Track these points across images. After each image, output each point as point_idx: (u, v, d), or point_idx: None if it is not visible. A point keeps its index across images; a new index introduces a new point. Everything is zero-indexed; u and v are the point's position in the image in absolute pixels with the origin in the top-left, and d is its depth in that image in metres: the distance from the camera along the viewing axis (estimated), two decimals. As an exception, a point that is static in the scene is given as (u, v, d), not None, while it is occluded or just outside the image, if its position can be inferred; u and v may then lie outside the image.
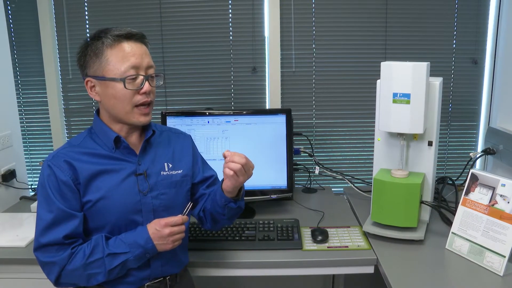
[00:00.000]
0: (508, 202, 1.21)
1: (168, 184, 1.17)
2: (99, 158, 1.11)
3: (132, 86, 1.07)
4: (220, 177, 1.19)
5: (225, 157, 1.10)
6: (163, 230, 1.06)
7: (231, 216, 1.22)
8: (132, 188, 1.12)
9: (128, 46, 1.06)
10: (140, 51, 1.08)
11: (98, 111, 1.17)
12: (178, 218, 1.08)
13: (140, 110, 1.10)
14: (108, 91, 1.07)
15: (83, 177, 1.08)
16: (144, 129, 1.19)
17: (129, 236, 1.08)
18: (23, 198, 1.93)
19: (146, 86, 1.09)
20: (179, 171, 1.21)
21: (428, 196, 1.48)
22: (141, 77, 1.08)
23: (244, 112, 1.71)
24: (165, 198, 1.16)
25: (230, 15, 2.02)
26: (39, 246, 1.06)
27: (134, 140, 1.17)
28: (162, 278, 1.19)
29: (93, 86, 1.10)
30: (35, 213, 1.79)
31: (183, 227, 1.09)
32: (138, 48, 1.08)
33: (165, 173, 1.18)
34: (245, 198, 1.21)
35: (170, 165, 1.20)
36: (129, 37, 1.07)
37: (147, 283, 1.16)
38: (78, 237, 1.08)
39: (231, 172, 1.08)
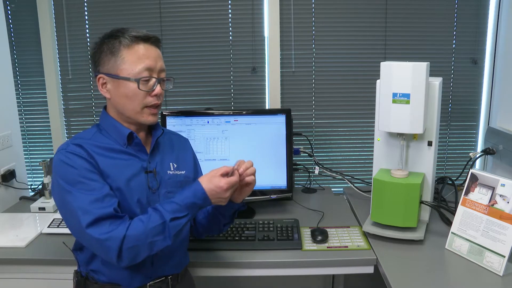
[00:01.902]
0: (508, 202, 1.21)
1: (174, 183, 1.19)
2: (112, 152, 1.12)
3: (144, 88, 1.09)
4: None
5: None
6: (225, 193, 1.05)
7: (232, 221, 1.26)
8: (142, 184, 1.13)
9: (144, 48, 1.08)
10: (155, 54, 1.11)
11: (105, 108, 1.18)
12: (236, 178, 1.07)
13: (150, 110, 1.12)
14: (120, 89, 1.09)
15: (98, 168, 1.08)
16: (150, 128, 1.21)
17: (186, 198, 1.05)
18: (22, 198, 1.93)
19: (158, 88, 1.11)
20: (183, 172, 1.22)
21: (428, 196, 1.49)
22: (153, 80, 1.10)
23: (244, 112, 1.71)
24: (171, 197, 1.16)
25: (230, 15, 2.02)
26: (91, 222, 0.98)
27: (141, 138, 1.18)
28: (164, 278, 1.19)
29: (105, 83, 1.11)
30: (35, 213, 1.79)
31: (237, 183, 1.08)
32: (153, 51, 1.11)
33: (171, 172, 1.19)
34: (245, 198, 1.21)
35: (175, 165, 1.22)
36: (146, 39, 1.09)
37: (149, 283, 1.16)
38: (124, 213, 1.05)
39: (253, 177, 1.11)
